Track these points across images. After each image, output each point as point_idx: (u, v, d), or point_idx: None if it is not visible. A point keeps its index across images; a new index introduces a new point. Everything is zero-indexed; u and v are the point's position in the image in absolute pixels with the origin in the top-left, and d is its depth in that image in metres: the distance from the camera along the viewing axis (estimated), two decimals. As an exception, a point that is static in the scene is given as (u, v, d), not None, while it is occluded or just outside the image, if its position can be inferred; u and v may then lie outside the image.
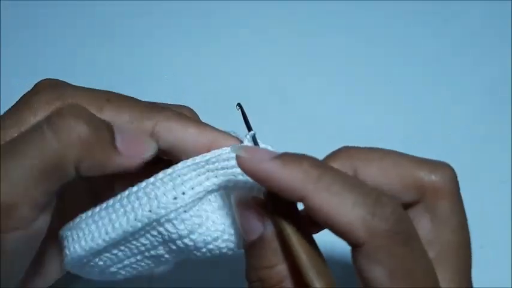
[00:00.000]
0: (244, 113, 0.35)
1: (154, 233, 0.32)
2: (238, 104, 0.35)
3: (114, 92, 0.35)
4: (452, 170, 0.32)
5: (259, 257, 0.31)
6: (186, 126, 0.33)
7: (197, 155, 0.33)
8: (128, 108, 0.33)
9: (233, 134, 0.35)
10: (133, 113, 0.33)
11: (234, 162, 0.30)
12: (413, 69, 0.58)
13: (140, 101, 0.35)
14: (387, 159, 0.32)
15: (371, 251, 0.27)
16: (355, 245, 0.27)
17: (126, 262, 0.34)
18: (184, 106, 0.38)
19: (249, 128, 0.34)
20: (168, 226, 0.32)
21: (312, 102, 0.56)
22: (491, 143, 0.54)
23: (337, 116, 0.55)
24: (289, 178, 0.28)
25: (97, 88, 0.35)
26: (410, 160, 0.32)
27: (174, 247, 0.33)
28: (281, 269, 0.31)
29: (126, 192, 0.33)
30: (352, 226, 0.27)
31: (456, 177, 0.32)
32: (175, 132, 0.33)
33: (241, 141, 0.34)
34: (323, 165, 0.29)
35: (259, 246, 0.31)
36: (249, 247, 0.31)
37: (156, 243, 0.33)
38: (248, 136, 0.34)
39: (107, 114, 0.33)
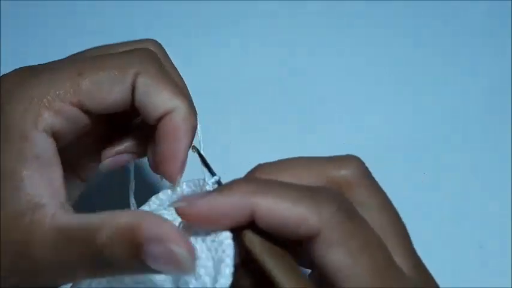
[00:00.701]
0: (203, 156, 0.34)
1: None
2: (194, 147, 0.34)
3: (83, 57, 0.34)
4: (357, 159, 0.32)
5: None
6: (164, 85, 0.33)
7: (153, 116, 0.33)
8: (106, 73, 0.33)
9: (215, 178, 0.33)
10: (112, 74, 0.33)
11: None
12: (413, 69, 0.58)
13: (111, 56, 0.34)
14: (298, 166, 0.32)
15: (327, 236, 0.28)
16: (310, 236, 0.28)
17: None
18: (149, 40, 0.38)
19: (212, 173, 0.33)
20: None
21: (313, 101, 0.56)
22: (491, 143, 0.54)
23: (337, 115, 0.55)
24: (231, 200, 0.29)
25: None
26: (319, 162, 0.32)
27: None
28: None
29: None
30: (304, 218, 0.28)
31: (363, 164, 0.32)
32: (149, 88, 0.33)
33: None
34: (255, 179, 0.31)
35: None
36: None
37: None
38: (212, 180, 0.33)
39: (85, 90, 0.32)
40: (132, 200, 0.37)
